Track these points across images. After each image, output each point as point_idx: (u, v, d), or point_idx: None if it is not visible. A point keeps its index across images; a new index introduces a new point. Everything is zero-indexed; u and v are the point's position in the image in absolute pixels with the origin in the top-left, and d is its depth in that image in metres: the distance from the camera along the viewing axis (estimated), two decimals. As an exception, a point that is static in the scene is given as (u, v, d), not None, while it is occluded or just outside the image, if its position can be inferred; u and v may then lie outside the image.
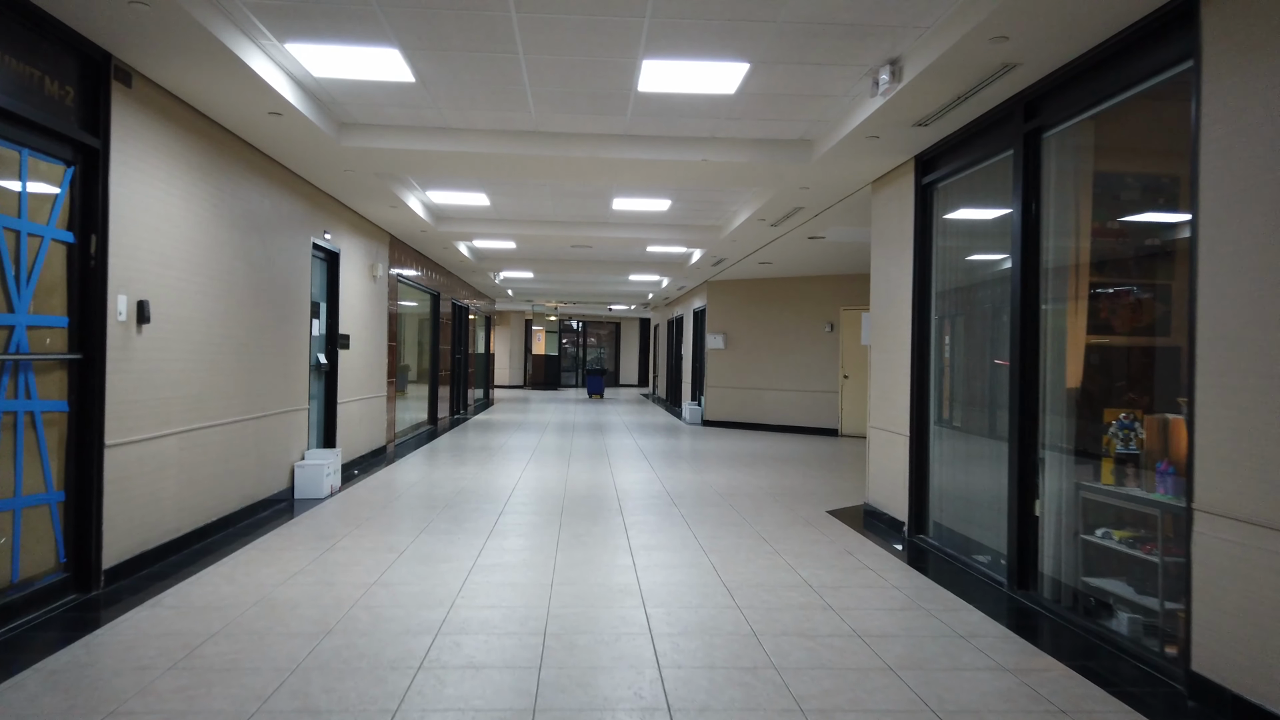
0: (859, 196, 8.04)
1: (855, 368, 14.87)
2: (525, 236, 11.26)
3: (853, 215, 9.03)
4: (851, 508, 7.70)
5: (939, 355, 6.23)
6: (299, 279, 7.76)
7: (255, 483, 6.83)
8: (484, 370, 23.63)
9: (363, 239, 9.93)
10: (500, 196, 9.40)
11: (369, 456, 10.35)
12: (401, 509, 7.23)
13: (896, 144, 6.14)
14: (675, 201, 9.46)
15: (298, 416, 7.80)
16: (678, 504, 7.69)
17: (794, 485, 8.98)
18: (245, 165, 6.47)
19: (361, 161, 7.03)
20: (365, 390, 10.15)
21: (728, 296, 16.58)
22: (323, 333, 8.78)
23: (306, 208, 7.92)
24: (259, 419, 6.87)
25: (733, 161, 6.75)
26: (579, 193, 9.12)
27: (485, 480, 8.92)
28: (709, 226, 11.08)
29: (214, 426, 6.03)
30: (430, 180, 8.72)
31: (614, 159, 6.75)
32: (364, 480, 8.82)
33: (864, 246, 11.29)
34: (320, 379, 8.76)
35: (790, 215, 9.05)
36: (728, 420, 16.53)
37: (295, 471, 7.68)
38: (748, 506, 7.63)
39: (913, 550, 6.10)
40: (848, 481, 9.31)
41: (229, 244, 6.24)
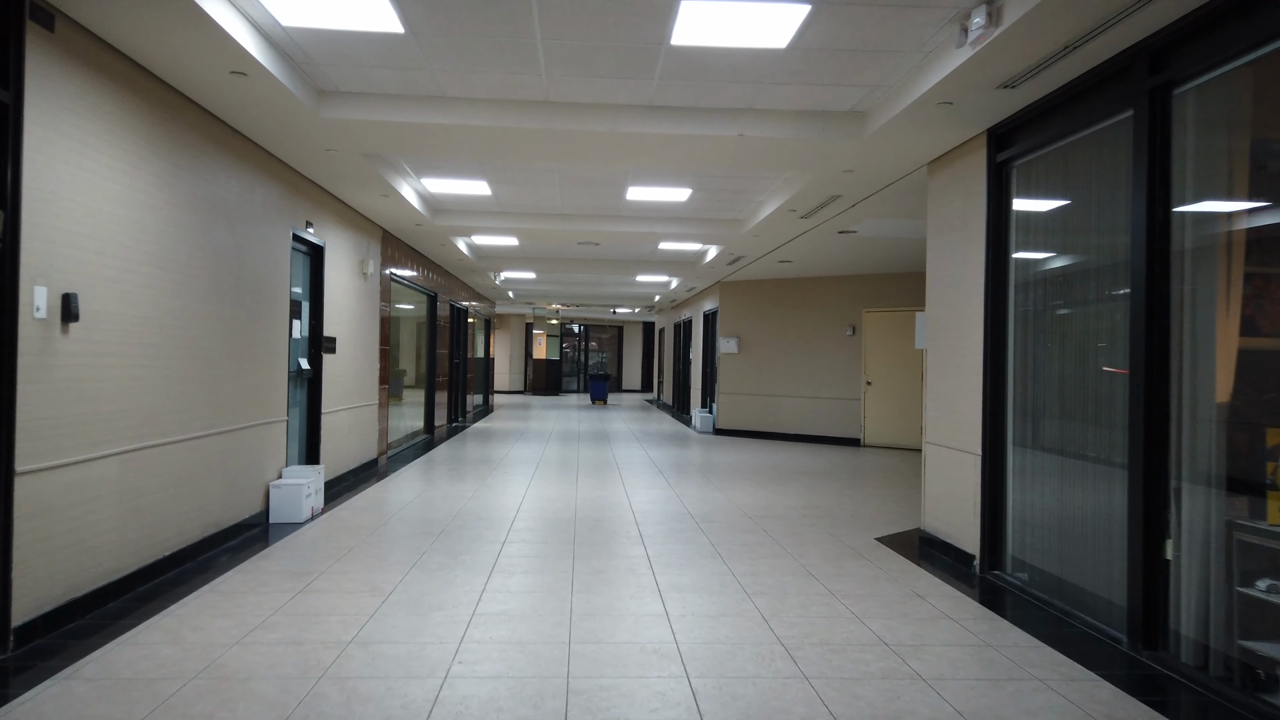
0: (906, 183, 7.14)
1: (879, 373, 13.97)
2: (529, 231, 10.35)
3: (892, 205, 8.13)
4: (902, 534, 6.78)
5: (1020, 361, 5.32)
6: (276, 274, 6.85)
7: (221, 508, 5.91)
8: (483, 375, 22.72)
9: (351, 232, 9.02)
10: (503, 185, 8.50)
11: (358, 471, 9.43)
12: (391, 536, 6.31)
13: (970, 114, 5.23)
14: (696, 191, 8.55)
15: (274, 429, 6.88)
16: (704, 529, 6.77)
17: (829, 505, 8.07)
18: (209, 140, 5.57)
19: (345, 138, 6.12)
20: (354, 398, 9.23)
21: (741, 298, 15.68)
22: (305, 335, 7.87)
23: (285, 194, 7.02)
24: (226, 434, 5.96)
25: (772, 137, 5.84)
26: (590, 180, 8.21)
27: (486, 499, 8.00)
28: (729, 220, 10.18)
29: (168, 444, 5.12)
30: (425, 164, 7.81)
31: (636, 134, 5.84)
32: (351, 500, 7.90)
33: (898, 242, 10.39)
34: (302, 387, 7.85)
35: (825, 205, 8.15)
36: (741, 429, 15.62)
37: (271, 492, 6.77)
38: (784, 532, 6.71)
39: (988, 590, 5.19)
40: (888, 501, 8.39)
41: (188, 231, 5.33)
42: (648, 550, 5.99)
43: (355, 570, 5.31)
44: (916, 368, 13.50)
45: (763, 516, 7.40)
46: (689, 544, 6.22)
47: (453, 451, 12.09)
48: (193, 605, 4.53)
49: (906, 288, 13.69)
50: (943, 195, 6.19)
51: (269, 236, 6.69)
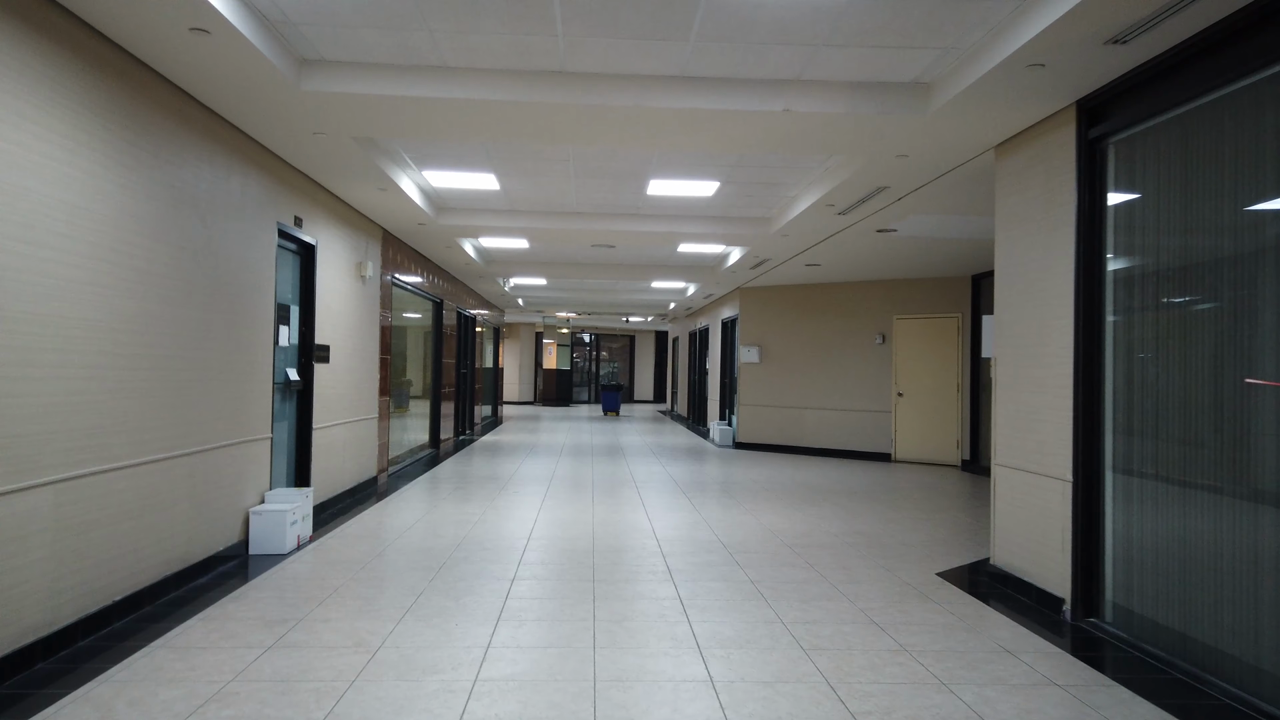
0: (964, 171, 6.35)
1: (911, 384, 13.14)
2: (540, 232, 9.60)
3: (942, 198, 7.34)
4: (965, 568, 5.97)
5: (1122, 371, 4.51)
6: (258, 274, 6.10)
7: (188, 540, 5.14)
8: (492, 386, 21.98)
9: (348, 231, 8.28)
10: (512, 178, 7.75)
11: (355, 491, 8.66)
12: (385, 571, 5.53)
13: (1061, 81, 4.45)
14: (724, 184, 7.78)
15: (255, 448, 6.12)
16: (740, 561, 5.97)
17: (873, 531, 7.25)
18: (175, 118, 4.83)
19: (333, 117, 5.38)
20: (350, 411, 8.47)
21: (763, 305, 14.89)
22: (294, 342, 7.12)
23: (269, 184, 6.28)
24: (195, 455, 5.20)
25: (822, 113, 5.07)
26: (608, 172, 7.45)
27: (493, 525, 7.22)
28: (757, 219, 9.40)
29: (119, 470, 4.36)
30: (427, 153, 7.06)
31: (665, 110, 5.07)
32: (344, 526, 7.12)
33: (941, 243, 9.59)
34: (290, 400, 7.10)
35: (868, 199, 7.36)
36: (762, 443, 14.80)
37: (250, 520, 6.00)
38: (830, 565, 5.91)
39: (1086, 642, 4.37)
40: (938, 526, 7.57)
41: (148, 222, 4.59)
42: (679, 590, 5.20)
43: (340, 617, 4.53)
44: (952, 378, 12.68)
45: (802, 545, 6.59)
46: (725, 581, 5.42)
47: (459, 468, 11.32)
48: (137, 667, 3.75)
49: (941, 293, 12.88)
50: (1016, 181, 5.40)
51: (250, 232, 5.94)
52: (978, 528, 7.51)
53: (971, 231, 8.86)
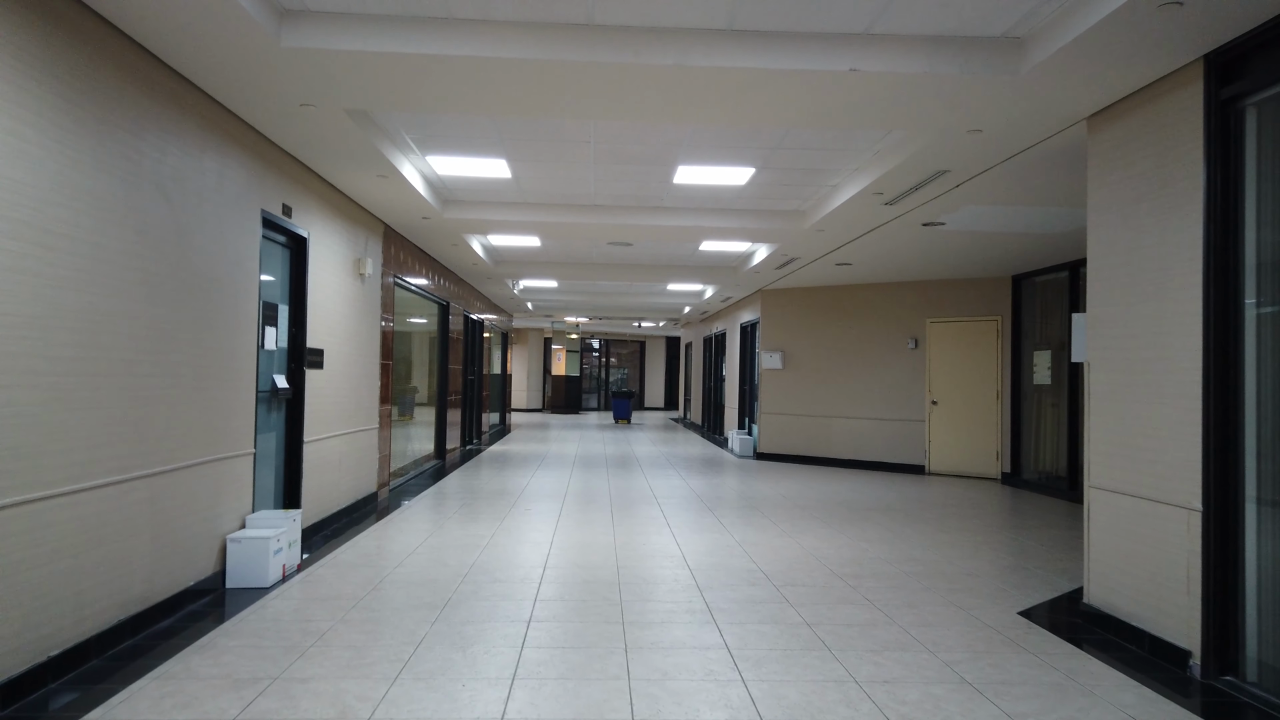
0: (1038, 152, 5.59)
1: (946, 391, 12.34)
2: (554, 227, 8.85)
3: (1006, 185, 6.57)
4: (1049, 604, 5.18)
5: (1270, 376, 3.73)
6: (239, 268, 5.36)
7: (148, 577, 4.39)
8: (500, 393, 21.24)
9: (344, 224, 7.54)
10: (526, 164, 7.00)
11: (352, 510, 7.91)
12: (382, 610, 4.77)
13: (1193, 27, 3.68)
14: (760, 170, 7.02)
15: (234, 466, 5.37)
16: (788, 597, 5.19)
17: (929, 557, 6.46)
18: (131, 78, 4.09)
19: (321, 81, 4.63)
20: (347, 422, 7.72)
21: (786, 308, 14.11)
22: (282, 346, 6.37)
23: (251, 166, 5.54)
24: (159, 475, 4.44)
25: (894, 74, 4.30)
26: (633, 156, 6.70)
27: (504, 549, 6.45)
28: (790, 212, 8.64)
29: (57, 498, 3.60)
30: (431, 133, 6.32)
31: (710, 71, 4.32)
32: (338, 551, 6.36)
33: (990, 238, 8.81)
34: (278, 410, 6.35)
35: (924, 185, 6.59)
36: (786, 453, 14.01)
37: (228, 548, 5.25)
38: (894, 602, 5.12)
39: (1225, 708, 3.59)
40: (999, 551, 6.77)
41: (99, 201, 3.84)
42: (724, 635, 4.42)
43: (324, 674, 3.76)
44: (991, 385, 11.88)
45: (854, 575, 5.81)
46: (777, 624, 4.64)
47: (466, 481, 10.55)
48: (63, 751, 2.99)
49: (979, 294, 12.09)
50: (1118, 156, 4.62)
51: (229, 219, 5.20)
52: (1045, 553, 6.71)
53: (1027, 224, 8.08)
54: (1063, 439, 10.47)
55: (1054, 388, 10.69)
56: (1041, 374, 10.94)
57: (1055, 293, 10.76)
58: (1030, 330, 11.42)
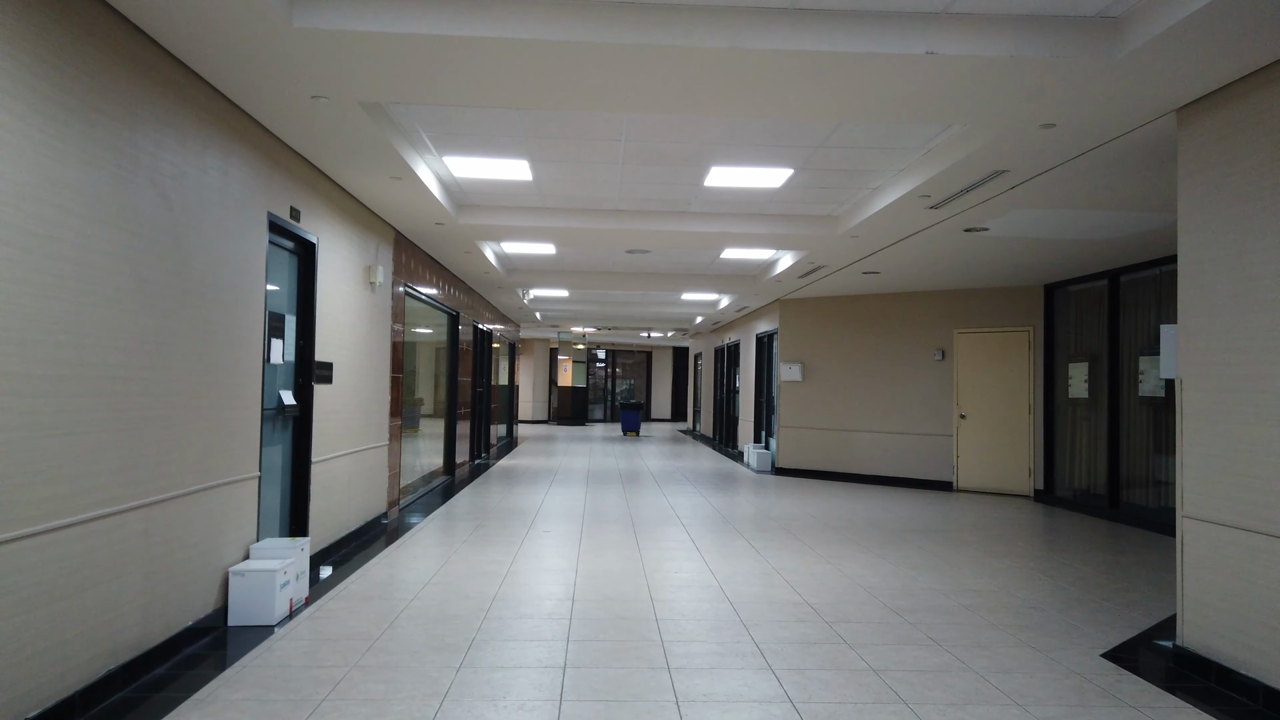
0: (1108, 151, 5.16)
1: (975, 405, 11.88)
2: (572, 234, 8.42)
3: (1060, 189, 6.14)
4: (1131, 644, 4.71)
5: None
6: (243, 275, 4.92)
7: (141, 620, 3.93)
8: (508, 405, 20.79)
9: (354, 230, 7.11)
10: (550, 165, 6.57)
11: (362, 532, 7.45)
12: (399, 653, 4.30)
13: (1329, 0, 3.25)
14: (799, 171, 6.58)
15: (237, 492, 4.92)
16: (846, 637, 4.72)
17: (985, 587, 5.99)
18: (128, 67, 3.66)
19: (335, 68, 4.20)
20: (356, 439, 7.27)
21: (806, 317, 13.67)
22: (289, 360, 5.93)
23: (258, 165, 5.11)
24: (153, 505, 3.99)
25: (975, 58, 3.87)
26: (665, 155, 6.27)
27: (526, 579, 5.99)
28: (824, 217, 8.20)
29: (33, 536, 3.15)
30: (450, 129, 5.89)
31: (768, 55, 3.88)
32: (348, 581, 5.90)
33: (1027, 246, 8.36)
34: (285, 428, 5.90)
35: (977, 186, 6.15)
36: (806, 468, 13.54)
37: (230, 582, 4.79)
38: (961, 642, 4.66)
39: (1380, 779, 3.12)
40: (1059, 580, 6.29)
41: (88, 198, 3.41)
42: (783, 685, 3.95)
43: (338, 736, 3.30)
44: (1022, 399, 11.42)
45: (910, 609, 5.34)
46: (839, 670, 4.17)
47: (477, 499, 10.09)
48: (34, 845, 2.53)
49: (1010, 304, 11.64)
50: (1219, 150, 4.18)
51: (233, 222, 4.76)
52: (1107, 581, 6.24)
53: (1076, 230, 7.64)
54: (1100, 455, 10.00)
55: (1091, 402, 10.23)
56: (1078, 387, 10.48)
57: (1091, 302, 10.31)
58: (1064, 341, 10.97)
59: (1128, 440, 9.48)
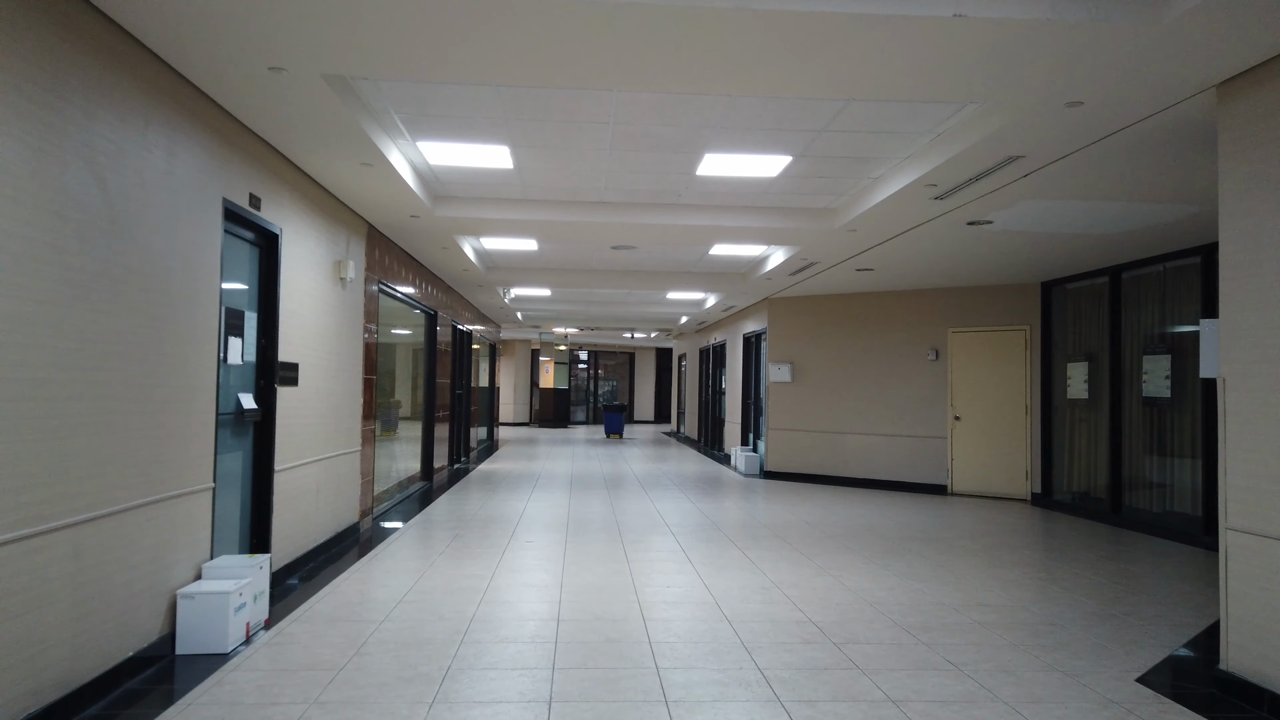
0: (1131, 135, 4.80)
1: (970, 406, 11.55)
2: (555, 228, 7.99)
3: (1074, 178, 5.79)
4: (1165, 666, 4.34)
5: None
6: (194, 268, 4.46)
7: (69, 656, 3.46)
8: (488, 407, 20.31)
9: (323, 222, 6.65)
10: (531, 151, 6.15)
11: (332, 544, 6.98)
12: (367, 687, 3.86)
13: None
14: (798, 158, 6.20)
15: (187, 506, 4.46)
16: (857, 660, 4.32)
17: (999, 602, 5.62)
18: (51, 23, 3.20)
19: (293, 32, 3.76)
20: (325, 445, 6.81)
21: (795, 317, 13.30)
22: (250, 360, 5.47)
23: (211, 146, 4.65)
24: (84, 524, 3.53)
25: (1007, 21, 3.49)
26: (655, 140, 5.86)
27: (507, 597, 5.55)
28: (821, 210, 7.82)
29: (-68, 565, 2.69)
30: (423, 110, 5.45)
31: (778, 16, 3.48)
32: (314, 601, 5.44)
33: (1033, 238, 8.02)
34: (244, 434, 5.44)
35: (986, 175, 5.79)
36: (795, 471, 13.17)
37: (179, 606, 4.32)
38: (982, 665, 4.27)
39: None
40: (1075, 593, 5.93)
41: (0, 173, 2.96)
42: (793, 718, 3.55)
43: (290, 792, 2.86)
44: (1019, 399, 11.10)
45: (921, 628, 4.96)
46: (854, 701, 3.77)
47: (456, 506, 9.63)
48: None
49: (1005, 302, 11.32)
50: (1265, 130, 3.82)
51: (180, 206, 4.30)
52: (1126, 595, 5.89)
53: (1085, 223, 7.30)
54: (1101, 458, 9.70)
55: (1091, 403, 9.92)
56: (1077, 388, 10.17)
57: (1091, 301, 10.01)
58: (1062, 341, 10.66)
59: (1130, 442, 9.17)
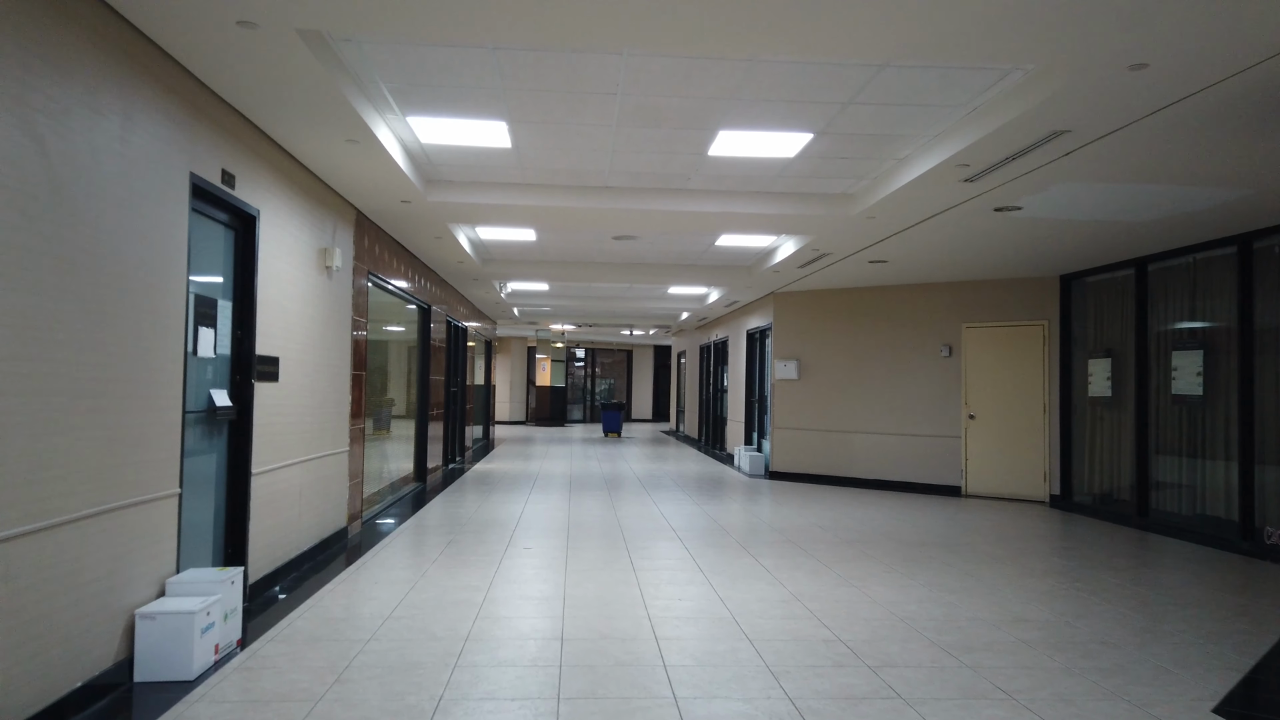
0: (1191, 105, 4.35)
1: (985, 405, 11.11)
2: (555, 215, 7.53)
3: (1120, 156, 5.35)
4: (1237, 692, 3.90)
5: None
6: (156, 249, 3.99)
7: (1, 689, 2.99)
8: (484, 405, 19.84)
9: (306, 204, 6.17)
10: (531, 128, 5.68)
11: (317, 552, 6.51)
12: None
13: None
14: (820, 135, 5.74)
15: (148, 514, 3.98)
16: (899, 689, 3.87)
17: (1040, 615, 5.18)
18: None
19: (261, -20, 3.29)
20: (309, 445, 6.34)
21: (802, 312, 12.85)
22: (224, 353, 5.00)
23: (175, 114, 4.17)
24: (17, 540, 3.06)
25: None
26: (666, 114, 5.40)
27: (505, 611, 5.09)
28: (838, 195, 7.37)
29: None
30: (414, 80, 4.98)
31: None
32: (294, 616, 4.97)
33: (1059, 227, 7.57)
34: (218, 434, 4.97)
35: (1026, 153, 5.33)
36: (802, 472, 12.72)
37: (138, 627, 3.86)
38: (1043, 696, 3.82)
39: None
40: (1121, 605, 5.49)
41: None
42: (838, 762, 3.09)
43: None
44: (1037, 397, 10.66)
45: (963, 647, 4.51)
46: (902, 738, 3.32)
47: (450, 510, 9.16)
48: None
49: (1022, 296, 10.88)
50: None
51: (138, 179, 3.83)
52: (1174, 609, 5.45)
53: (1118, 210, 6.85)
54: (1125, 458, 9.27)
55: (1114, 400, 9.48)
56: (1099, 385, 9.73)
57: (1113, 294, 9.57)
58: (1082, 336, 10.22)
59: (1158, 442, 8.74)
